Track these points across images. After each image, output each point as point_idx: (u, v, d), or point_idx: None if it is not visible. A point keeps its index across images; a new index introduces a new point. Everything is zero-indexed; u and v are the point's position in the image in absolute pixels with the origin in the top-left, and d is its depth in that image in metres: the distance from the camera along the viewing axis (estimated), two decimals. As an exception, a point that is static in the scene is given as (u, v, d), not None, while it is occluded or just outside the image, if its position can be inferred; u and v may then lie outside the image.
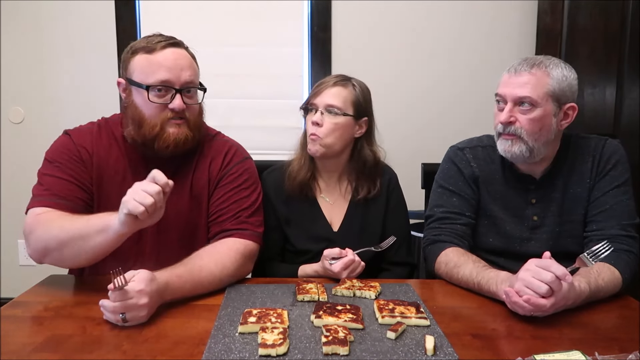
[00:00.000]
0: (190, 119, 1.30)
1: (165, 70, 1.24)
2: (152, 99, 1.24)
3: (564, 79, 1.28)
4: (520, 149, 1.30)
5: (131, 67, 1.27)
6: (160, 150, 1.27)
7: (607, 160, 1.36)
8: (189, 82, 1.28)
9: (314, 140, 1.45)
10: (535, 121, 1.28)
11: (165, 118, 1.26)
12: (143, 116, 1.26)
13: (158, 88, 1.24)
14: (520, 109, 1.29)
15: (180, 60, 1.27)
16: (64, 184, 1.25)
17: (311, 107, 1.47)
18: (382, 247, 1.43)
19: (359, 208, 1.53)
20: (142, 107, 1.26)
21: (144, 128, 1.26)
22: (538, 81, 1.26)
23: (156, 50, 1.25)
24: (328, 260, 1.31)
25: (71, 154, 1.29)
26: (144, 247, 1.33)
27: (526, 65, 1.28)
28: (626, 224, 1.32)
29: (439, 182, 1.48)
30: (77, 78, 2.60)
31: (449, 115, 2.60)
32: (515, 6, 2.54)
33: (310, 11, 2.55)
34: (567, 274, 1.01)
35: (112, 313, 1.00)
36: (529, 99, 1.26)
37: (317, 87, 1.48)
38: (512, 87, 1.28)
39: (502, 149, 1.34)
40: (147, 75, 1.24)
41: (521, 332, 1.02)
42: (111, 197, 1.29)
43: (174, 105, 1.26)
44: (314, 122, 1.44)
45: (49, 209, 1.21)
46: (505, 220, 1.40)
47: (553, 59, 1.31)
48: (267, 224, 1.42)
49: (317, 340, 0.96)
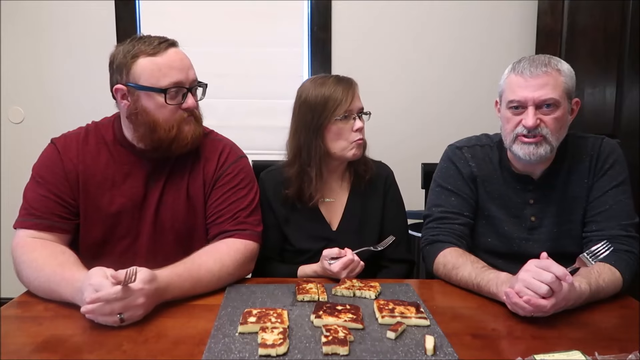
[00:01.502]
0: (198, 116, 1.33)
1: (176, 72, 1.25)
2: (169, 101, 1.25)
3: (571, 74, 1.29)
4: (545, 150, 1.29)
5: (135, 72, 1.24)
6: (178, 149, 1.29)
7: (605, 160, 1.35)
8: (195, 80, 1.31)
9: (361, 144, 1.47)
10: (558, 120, 1.28)
11: (180, 119, 1.28)
12: (157, 120, 1.26)
13: (174, 90, 1.25)
14: (543, 111, 1.27)
15: (185, 60, 1.29)
16: (43, 201, 1.27)
17: (348, 114, 1.44)
18: (381, 247, 1.43)
19: (357, 205, 1.53)
20: (154, 111, 1.26)
21: (159, 132, 1.26)
22: (555, 80, 1.26)
23: (160, 53, 1.25)
24: (327, 260, 1.31)
25: (54, 167, 1.30)
26: (140, 249, 1.33)
27: (540, 65, 1.26)
28: (626, 223, 1.31)
29: (437, 181, 1.48)
30: (77, 78, 2.60)
31: (449, 115, 2.60)
32: (515, 6, 2.54)
33: (310, 11, 2.55)
34: (567, 274, 1.01)
35: (109, 315, 0.99)
36: (553, 99, 1.25)
37: (346, 95, 1.43)
38: (532, 90, 1.25)
39: (523, 152, 1.30)
40: (159, 79, 1.24)
41: (521, 332, 1.02)
42: (100, 204, 1.30)
43: (188, 105, 1.28)
44: (359, 128, 1.45)
45: (29, 233, 1.24)
46: (503, 220, 1.40)
47: (553, 56, 1.31)
48: (266, 223, 1.42)
49: (317, 340, 0.96)
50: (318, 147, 1.45)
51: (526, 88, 1.26)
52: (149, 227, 1.32)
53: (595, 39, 2.38)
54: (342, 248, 1.33)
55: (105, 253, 1.32)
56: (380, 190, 1.55)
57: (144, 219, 1.32)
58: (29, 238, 1.23)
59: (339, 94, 1.42)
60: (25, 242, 1.22)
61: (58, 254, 1.19)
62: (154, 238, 1.33)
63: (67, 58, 2.59)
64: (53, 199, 1.27)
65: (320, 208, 1.52)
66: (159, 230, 1.33)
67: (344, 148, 1.46)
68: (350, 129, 1.44)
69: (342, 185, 1.56)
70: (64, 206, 1.28)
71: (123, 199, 1.31)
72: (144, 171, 1.33)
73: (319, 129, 1.44)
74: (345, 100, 1.42)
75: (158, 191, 1.33)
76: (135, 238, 1.33)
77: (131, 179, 1.32)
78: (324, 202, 1.53)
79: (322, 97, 1.43)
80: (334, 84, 1.44)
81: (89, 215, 1.30)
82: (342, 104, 1.42)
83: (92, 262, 1.23)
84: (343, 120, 1.43)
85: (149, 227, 1.32)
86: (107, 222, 1.31)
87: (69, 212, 1.29)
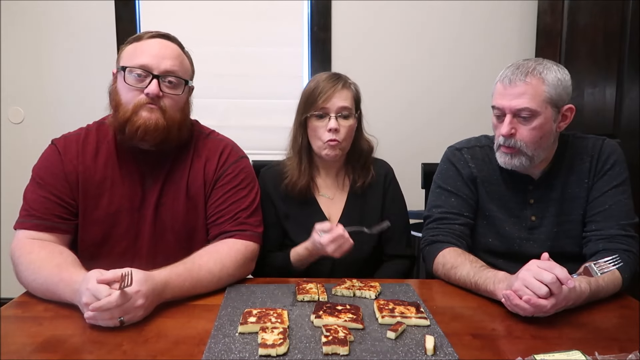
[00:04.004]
0: (166, 109, 1.27)
1: (147, 56, 1.25)
2: (128, 81, 1.25)
3: (559, 83, 1.26)
4: (520, 161, 1.31)
5: (120, 56, 1.29)
6: (131, 135, 1.25)
7: (605, 161, 1.35)
8: (169, 70, 1.27)
9: (334, 146, 1.45)
10: (536, 130, 1.27)
11: (139, 103, 1.25)
12: (120, 100, 1.27)
13: (137, 73, 1.25)
14: (520, 120, 1.27)
15: (165, 50, 1.28)
16: (43, 202, 1.27)
17: (323, 113, 1.44)
18: (376, 231, 1.43)
19: (357, 202, 1.54)
20: (120, 91, 1.27)
21: (119, 112, 1.26)
22: (535, 90, 1.24)
23: (142, 39, 1.28)
24: (318, 233, 1.32)
25: (54, 169, 1.30)
26: (141, 250, 1.33)
27: (520, 74, 1.25)
28: (625, 223, 1.32)
29: (437, 182, 1.49)
30: (77, 78, 2.60)
31: (449, 115, 2.60)
32: (515, 6, 2.54)
33: (310, 11, 2.55)
34: (569, 278, 1.01)
35: (109, 319, 0.99)
36: (528, 110, 1.25)
37: (324, 92, 1.43)
38: (509, 98, 1.26)
39: (502, 161, 1.34)
40: (129, 60, 1.26)
41: (521, 332, 1.02)
42: (99, 204, 1.30)
43: (148, 90, 1.24)
44: (332, 129, 1.43)
45: (28, 234, 1.24)
46: (503, 220, 1.41)
47: (545, 63, 1.28)
48: (266, 219, 1.43)
49: (317, 340, 0.96)
50: (302, 140, 1.50)
51: (505, 97, 1.27)
52: (149, 228, 1.32)
53: (595, 39, 2.38)
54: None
55: (105, 253, 1.31)
56: (380, 188, 1.56)
57: (143, 220, 1.32)
58: (28, 239, 1.23)
59: (318, 91, 1.44)
60: (24, 243, 1.22)
61: (56, 255, 1.19)
62: (154, 238, 1.33)
63: (67, 58, 2.59)
64: (53, 200, 1.27)
65: (320, 204, 1.54)
66: (159, 230, 1.33)
67: (319, 147, 1.47)
68: (324, 127, 1.44)
69: (341, 183, 1.57)
70: (64, 207, 1.28)
71: (122, 199, 1.31)
72: (142, 170, 1.33)
73: (303, 123, 1.48)
74: (322, 97, 1.43)
75: (157, 191, 1.33)
76: (135, 238, 1.32)
77: (129, 179, 1.32)
78: (324, 199, 1.54)
79: (308, 91, 1.47)
80: (322, 80, 1.46)
81: (88, 216, 1.30)
82: (317, 101, 1.43)
83: (91, 262, 1.23)
84: (318, 118, 1.45)
85: (149, 228, 1.32)
86: (107, 222, 1.31)
87: (69, 212, 1.29)
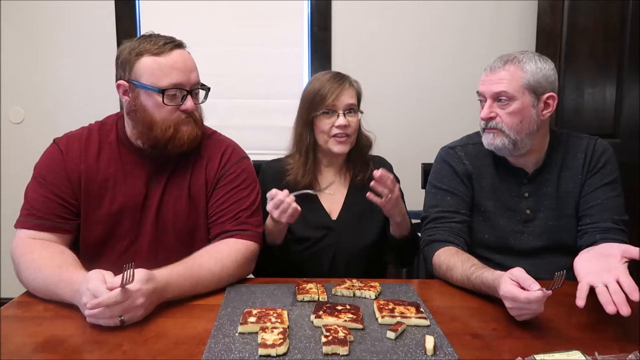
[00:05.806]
0: (197, 119, 1.33)
1: (177, 73, 1.25)
2: (166, 102, 1.25)
3: (538, 71, 1.33)
4: (503, 142, 1.36)
5: (137, 69, 1.25)
6: (174, 150, 1.29)
7: (598, 159, 1.42)
8: (197, 82, 1.31)
9: (344, 141, 1.50)
10: (515, 114, 1.34)
11: (178, 119, 1.28)
12: (154, 119, 1.26)
13: (172, 93, 1.25)
14: (499, 104, 1.35)
15: (189, 62, 1.30)
16: (45, 201, 1.27)
17: (331, 110, 1.49)
18: (328, 192, 1.53)
19: (358, 197, 1.56)
20: (152, 110, 1.26)
21: (156, 131, 1.26)
22: (512, 76, 1.33)
23: (164, 53, 1.25)
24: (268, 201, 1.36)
25: (56, 168, 1.30)
26: (142, 249, 1.33)
27: (500, 62, 1.35)
28: (617, 218, 1.38)
29: (432, 182, 1.51)
30: (77, 78, 2.60)
31: (449, 115, 2.60)
32: (515, 6, 2.53)
33: (310, 11, 2.55)
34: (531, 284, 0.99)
35: (109, 318, 0.99)
36: (505, 93, 1.33)
37: (332, 92, 1.48)
38: (489, 84, 1.36)
39: (486, 142, 1.40)
40: (159, 79, 1.24)
41: (521, 332, 1.02)
42: (101, 203, 1.30)
43: (186, 107, 1.28)
44: (341, 125, 1.48)
45: (29, 234, 1.24)
46: (498, 214, 1.43)
47: (527, 54, 1.36)
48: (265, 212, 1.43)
49: (317, 340, 0.96)
50: (309, 138, 1.54)
51: (485, 82, 1.37)
52: (151, 227, 1.32)
53: (595, 39, 2.38)
54: (341, 238, 1.43)
55: (106, 253, 1.32)
56: None
57: (145, 219, 1.32)
58: (29, 239, 1.23)
59: (325, 90, 1.49)
60: (24, 243, 1.22)
61: (56, 255, 1.19)
62: (156, 238, 1.33)
63: (67, 58, 2.59)
64: (54, 200, 1.27)
65: (321, 199, 1.57)
66: (160, 229, 1.33)
67: (328, 142, 1.52)
68: (333, 124, 1.49)
69: (341, 179, 1.61)
70: (65, 207, 1.28)
71: (124, 199, 1.31)
72: (146, 170, 1.33)
73: (310, 122, 1.53)
74: (330, 96, 1.48)
75: (160, 191, 1.33)
76: (136, 238, 1.33)
77: (132, 179, 1.32)
78: (324, 194, 1.57)
79: (313, 91, 1.52)
80: (326, 80, 1.51)
81: (90, 215, 1.30)
82: (326, 100, 1.49)
83: (92, 261, 1.24)
84: (326, 115, 1.50)
85: (151, 227, 1.32)
86: (108, 221, 1.31)
87: (70, 212, 1.29)
